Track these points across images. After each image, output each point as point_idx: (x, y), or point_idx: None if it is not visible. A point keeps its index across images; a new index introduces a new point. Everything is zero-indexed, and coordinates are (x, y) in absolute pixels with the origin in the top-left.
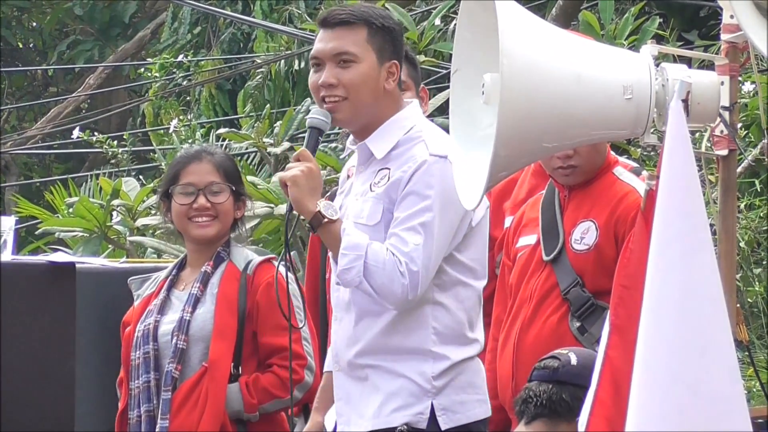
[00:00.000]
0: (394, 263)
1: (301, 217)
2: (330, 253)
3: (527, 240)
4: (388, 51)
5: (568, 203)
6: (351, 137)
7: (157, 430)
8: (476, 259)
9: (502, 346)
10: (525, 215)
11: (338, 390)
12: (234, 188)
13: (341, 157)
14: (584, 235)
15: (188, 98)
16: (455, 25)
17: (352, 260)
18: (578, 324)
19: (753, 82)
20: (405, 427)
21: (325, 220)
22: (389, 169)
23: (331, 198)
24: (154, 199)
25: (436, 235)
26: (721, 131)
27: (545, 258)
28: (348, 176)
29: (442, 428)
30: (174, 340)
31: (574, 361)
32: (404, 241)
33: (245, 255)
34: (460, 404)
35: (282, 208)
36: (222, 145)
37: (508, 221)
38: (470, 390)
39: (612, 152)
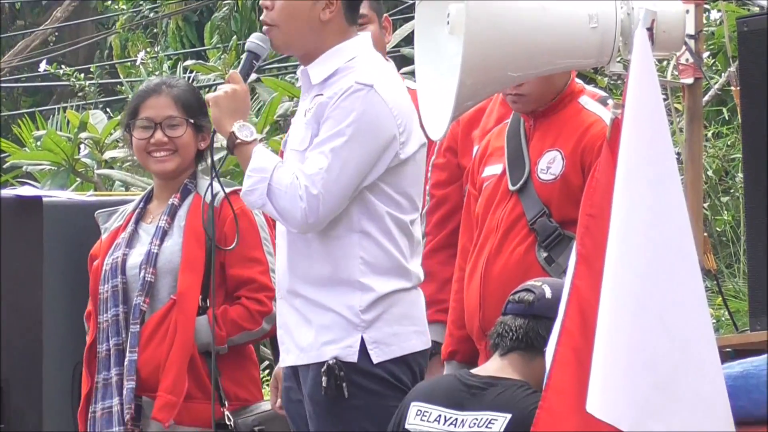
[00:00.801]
0: (295, 186)
1: None
2: None
3: (493, 169)
4: None
5: (533, 132)
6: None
7: (125, 362)
8: (403, 192)
9: (469, 276)
10: (490, 144)
11: (279, 317)
12: (193, 121)
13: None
14: (550, 165)
15: (155, 30)
16: None
17: (256, 182)
18: (545, 254)
19: (719, 10)
20: (334, 360)
21: (238, 140)
22: (322, 95)
23: None
24: (121, 132)
25: (346, 160)
26: (687, 59)
27: (511, 188)
28: None
29: (374, 361)
30: (142, 273)
31: (548, 294)
32: (310, 164)
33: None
34: (393, 336)
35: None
36: (189, 77)
37: (476, 150)
38: (405, 321)
39: (578, 81)
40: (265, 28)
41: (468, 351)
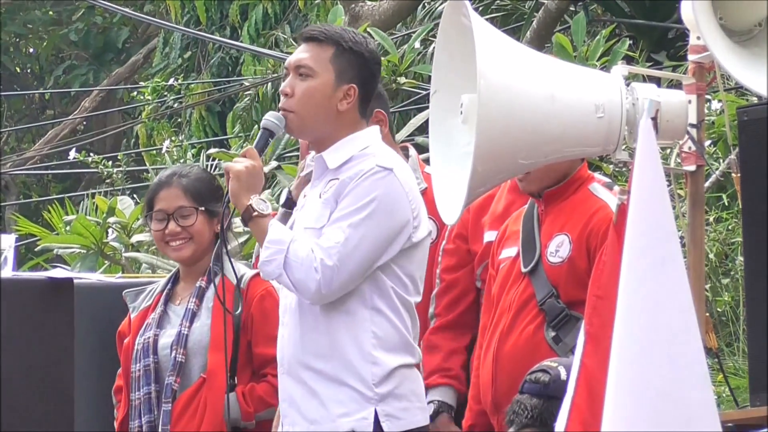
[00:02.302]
0: (311, 259)
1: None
2: None
3: (509, 252)
4: (349, 74)
5: (545, 217)
6: (312, 155)
7: None
8: (410, 275)
9: (484, 353)
10: (508, 228)
11: (282, 392)
12: (204, 208)
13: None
14: (559, 248)
15: (179, 120)
16: (434, 47)
17: (273, 253)
18: (553, 333)
19: (720, 101)
20: None
21: (255, 213)
22: (338, 179)
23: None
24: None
25: (363, 236)
26: (689, 147)
27: (523, 270)
28: (304, 196)
29: None
30: (173, 354)
31: (563, 375)
32: (327, 238)
33: (237, 269)
34: (402, 411)
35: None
36: (212, 165)
37: (487, 236)
38: (412, 398)
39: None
40: (281, 112)
41: (485, 424)
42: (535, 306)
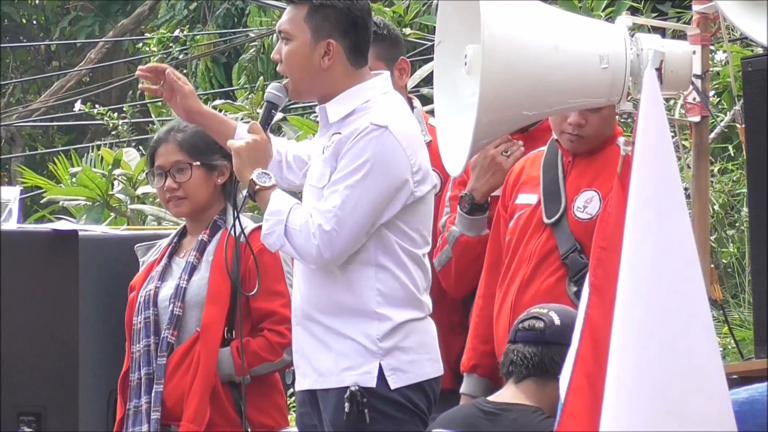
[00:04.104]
0: (309, 225)
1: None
2: None
3: (527, 198)
4: (325, 30)
5: (571, 168)
6: None
7: (152, 393)
8: (416, 228)
9: (500, 303)
10: (525, 171)
11: (295, 342)
12: (200, 162)
13: None
14: (587, 204)
15: (185, 71)
16: None
17: (273, 225)
18: (575, 288)
19: (725, 51)
20: (356, 387)
21: (257, 186)
22: (340, 133)
23: None
24: None
25: (360, 198)
26: (694, 98)
27: (546, 220)
28: None
29: (392, 387)
30: (170, 307)
31: (557, 320)
32: (324, 203)
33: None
34: (409, 363)
35: None
36: None
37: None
38: (421, 350)
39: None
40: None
41: (489, 366)
42: (558, 259)
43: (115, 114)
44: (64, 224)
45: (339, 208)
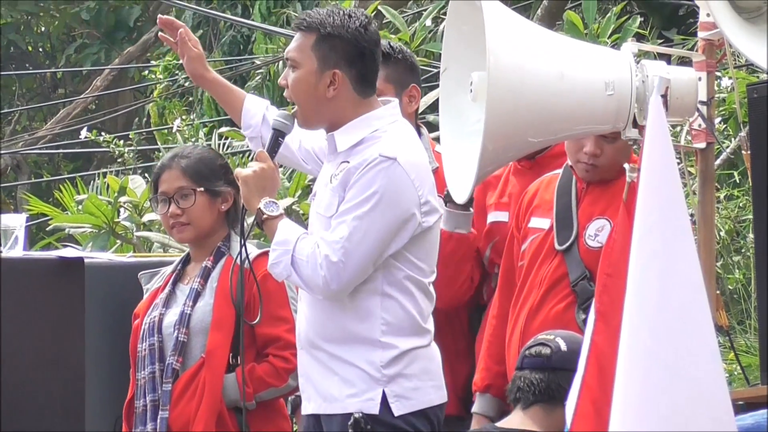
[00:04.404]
0: (316, 255)
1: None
2: None
3: (540, 222)
4: (332, 59)
5: (584, 195)
6: None
7: (158, 419)
8: (423, 257)
9: (511, 329)
10: (538, 194)
11: (300, 366)
12: (203, 188)
13: None
14: (599, 232)
15: (191, 98)
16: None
17: (279, 255)
18: (584, 316)
19: (730, 78)
20: (360, 414)
21: (264, 216)
22: (348, 162)
23: None
24: None
25: (367, 229)
26: (699, 125)
27: (557, 247)
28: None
29: (396, 414)
30: (175, 333)
31: (564, 347)
32: (332, 234)
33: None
34: (413, 390)
35: (286, 201)
36: (224, 143)
37: (491, 216)
38: (424, 377)
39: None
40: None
41: (503, 387)
42: (567, 286)
43: (121, 141)
44: (69, 251)
45: (346, 240)
